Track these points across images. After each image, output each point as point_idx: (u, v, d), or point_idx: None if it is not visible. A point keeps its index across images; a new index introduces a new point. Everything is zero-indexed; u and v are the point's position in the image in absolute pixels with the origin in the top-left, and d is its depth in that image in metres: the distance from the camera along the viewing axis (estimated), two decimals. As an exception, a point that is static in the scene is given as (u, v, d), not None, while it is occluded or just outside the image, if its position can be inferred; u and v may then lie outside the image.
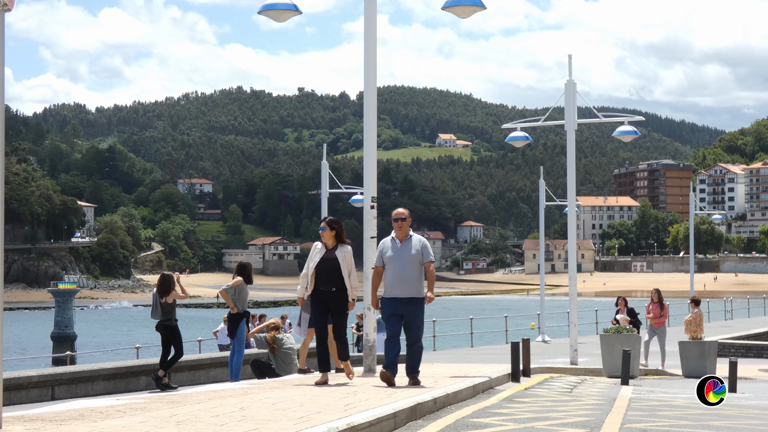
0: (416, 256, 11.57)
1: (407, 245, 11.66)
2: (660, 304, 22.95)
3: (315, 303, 11.89)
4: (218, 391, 11.35)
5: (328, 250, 11.88)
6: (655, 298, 23.08)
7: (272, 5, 13.43)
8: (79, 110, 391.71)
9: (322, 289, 11.80)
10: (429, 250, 11.72)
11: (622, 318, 22.52)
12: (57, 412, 8.64)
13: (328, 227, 12.02)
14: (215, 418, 7.90)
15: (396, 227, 11.75)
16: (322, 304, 11.84)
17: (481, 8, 13.72)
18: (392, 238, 11.80)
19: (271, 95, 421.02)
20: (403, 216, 11.82)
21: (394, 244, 11.70)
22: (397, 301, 11.50)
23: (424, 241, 11.82)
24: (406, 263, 11.51)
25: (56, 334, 64.82)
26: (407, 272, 11.50)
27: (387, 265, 11.63)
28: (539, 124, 21.78)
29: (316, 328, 11.99)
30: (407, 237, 11.76)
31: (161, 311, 15.24)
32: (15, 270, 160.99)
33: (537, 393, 12.49)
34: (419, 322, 11.59)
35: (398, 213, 11.84)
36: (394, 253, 11.61)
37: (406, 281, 11.48)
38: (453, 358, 24.40)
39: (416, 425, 8.81)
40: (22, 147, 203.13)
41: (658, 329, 22.62)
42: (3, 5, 6.86)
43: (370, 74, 13.29)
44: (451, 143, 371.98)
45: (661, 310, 22.95)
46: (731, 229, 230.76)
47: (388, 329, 11.65)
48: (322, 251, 11.88)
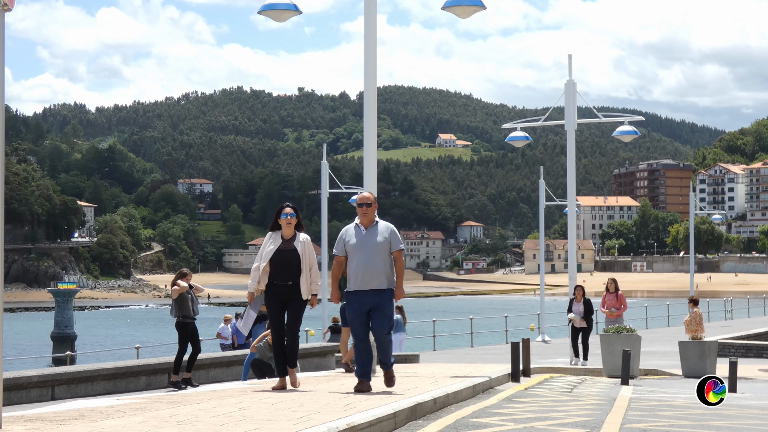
0: (383, 244, 10.40)
1: (373, 232, 10.45)
2: (616, 294, 21.61)
3: (270, 299, 10.78)
4: (218, 391, 11.36)
5: (286, 240, 10.75)
6: (611, 288, 21.72)
7: (272, 5, 13.43)
8: (79, 110, 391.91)
9: (278, 283, 10.69)
10: (398, 238, 10.54)
11: (573, 317, 21.67)
12: (57, 412, 8.64)
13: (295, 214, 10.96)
14: (215, 418, 7.90)
15: (360, 213, 10.53)
16: (278, 300, 10.75)
17: (481, 8, 13.72)
18: (356, 224, 10.60)
19: (271, 95, 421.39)
20: (369, 201, 10.58)
21: (358, 231, 10.51)
22: (363, 295, 10.35)
23: (392, 228, 10.63)
24: (373, 252, 10.34)
25: (56, 334, 64.88)
26: (373, 262, 10.33)
27: (350, 255, 10.46)
28: (539, 124, 21.80)
29: (272, 327, 10.90)
30: (373, 223, 10.54)
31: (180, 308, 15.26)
32: (15, 270, 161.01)
33: (537, 393, 12.49)
34: (389, 313, 10.45)
35: (364, 197, 10.64)
36: (358, 241, 10.42)
37: (372, 272, 10.31)
38: (453, 358, 24.40)
39: (416, 425, 8.81)
40: (22, 147, 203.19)
41: (614, 323, 21.06)
42: (3, 5, 6.86)
43: (370, 74, 13.29)
44: (451, 143, 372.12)
45: (618, 300, 21.52)
46: (731, 229, 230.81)
47: (356, 332, 10.51)
48: (277, 241, 10.76)
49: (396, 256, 10.49)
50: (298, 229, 10.87)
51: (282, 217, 10.85)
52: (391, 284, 10.43)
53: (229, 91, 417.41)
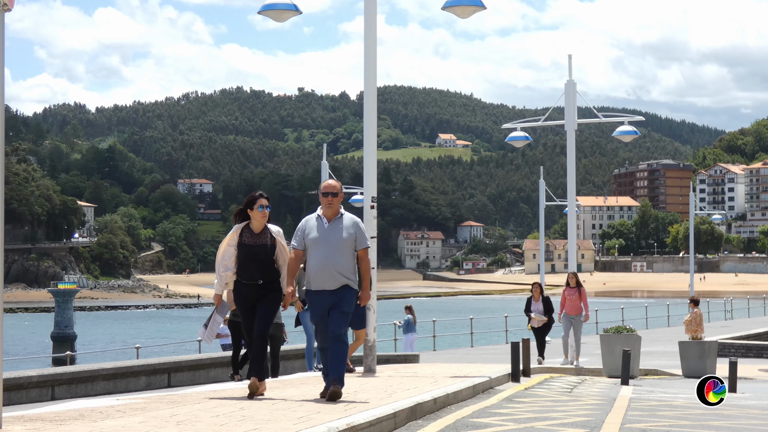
0: (348, 240, 9.35)
1: (337, 226, 9.40)
2: (578, 290, 20.44)
3: (237, 301, 9.72)
4: (218, 391, 11.35)
5: (255, 233, 9.67)
6: (572, 282, 20.47)
7: (272, 5, 13.42)
8: (78, 110, 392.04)
9: (246, 282, 9.62)
10: (364, 234, 9.46)
11: (537, 317, 20.70)
12: (57, 412, 8.64)
13: None
14: (215, 418, 7.90)
15: (325, 203, 9.45)
16: (246, 302, 9.66)
17: (481, 8, 13.73)
18: (318, 216, 9.53)
19: (270, 95, 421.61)
20: (335, 190, 9.49)
21: (320, 224, 9.45)
22: (323, 295, 9.32)
23: (359, 222, 9.52)
24: (335, 248, 9.29)
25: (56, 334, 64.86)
26: (335, 260, 9.27)
27: (310, 250, 9.38)
28: (539, 124, 21.81)
29: (245, 334, 9.81)
30: (337, 216, 9.47)
31: None
32: (15, 270, 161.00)
33: (537, 393, 12.49)
34: (345, 311, 9.30)
35: (329, 186, 9.54)
36: (320, 235, 9.36)
37: (333, 271, 9.27)
38: (453, 358, 24.39)
39: (416, 425, 8.81)
40: (22, 147, 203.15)
41: (576, 319, 20.34)
42: (3, 5, 6.86)
43: (370, 74, 13.29)
44: (451, 143, 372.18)
45: (580, 296, 20.39)
46: (731, 229, 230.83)
47: (318, 337, 9.54)
48: (247, 235, 9.70)
49: (361, 256, 9.42)
50: (268, 221, 9.84)
51: (258, 209, 9.71)
52: (353, 282, 9.36)
53: (229, 91, 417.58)
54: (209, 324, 10.40)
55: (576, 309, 20.35)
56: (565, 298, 20.49)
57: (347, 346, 9.37)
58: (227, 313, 10.23)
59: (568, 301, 20.47)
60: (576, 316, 20.32)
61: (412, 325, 22.11)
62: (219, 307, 10.05)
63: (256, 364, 9.61)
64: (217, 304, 10.02)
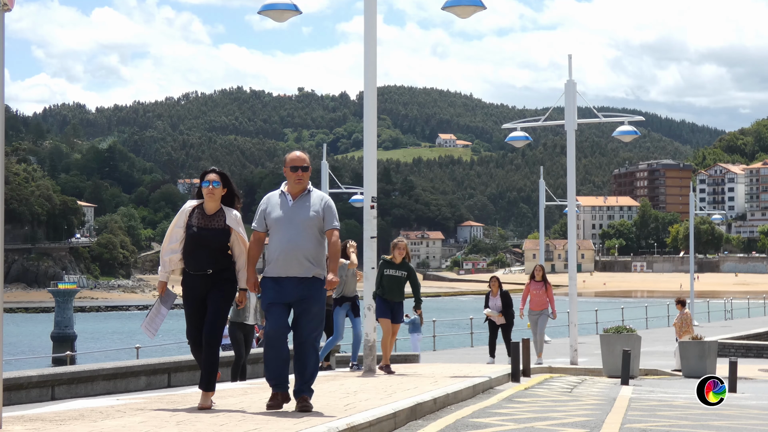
0: (315, 219, 8.20)
1: (303, 204, 8.25)
2: (544, 284, 19.67)
3: (184, 293, 8.47)
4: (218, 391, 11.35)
5: (207, 215, 8.39)
6: (538, 275, 19.76)
7: (272, 5, 13.41)
8: (79, 110, 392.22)
9: (194, 272, 8.35)
10: (333, 212, 8.30)
11: (490, 312, 19.70)
12: (57, 412, 8.64)
13: (221, 181, 8.41)
14: (215, 418, 7.90)
15: (293, 179, 8.28)
16: (193, 295, 8.36)
17: (481, 8, 13.73)
18: (281, 192, 8.37)
19: (270, 95, 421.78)
20: (305, 163, 8.36)
21: (284, 202, 8.29)
22: (283, 283, 8.14)
23: (328, 200, 8.38)
24: (301, 229, 8.15)
25: (56, 334, 64.84)
26: (301, 242, 8.12)
27: (272, 231, 8.26)
28: (539, 124, 21.80)
29: (188, 331, 8.48)
30: (304, 192, 8.32)
31: None
32: (15, 270, 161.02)
33: (537, 393, 12.49)
34: (316, 311, 8.16)
35: (300, 158, 8.37)
36: (284, 214, 8.21)
37: (298, 255, 8.11)
38: (453, 358, 24.38)
39: (416, 425, 8.81)
40: (22, 147, 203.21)
41: (541, 315, 19.67)
42: (3, 5, 6.86)
43: (370, 74, 13.29)
44: (451, 143, 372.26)
45: (546, 290, 19.58)
46: (731, 229, 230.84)
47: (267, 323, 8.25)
48: (197, 217, 8.41)
49: (329, 236, 8.23)
50: (229, 203, 8.47)
51: (203, 185, 8.36)
52: (321, 272, 8.19)
53: (229, 91, 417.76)
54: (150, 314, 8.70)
55: (541, 304, 19.64)
56: (528, 292, 19.69)
57: (317, 352, 8.18)
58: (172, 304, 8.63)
59: (533, 296, 19.72)
60: (541, 312, 19.63)
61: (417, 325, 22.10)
62: (164, 297, 8.60)
63: (207, 375, 8.31)
64: (161, 293, 8.63)
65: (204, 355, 8.30)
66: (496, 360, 19.93)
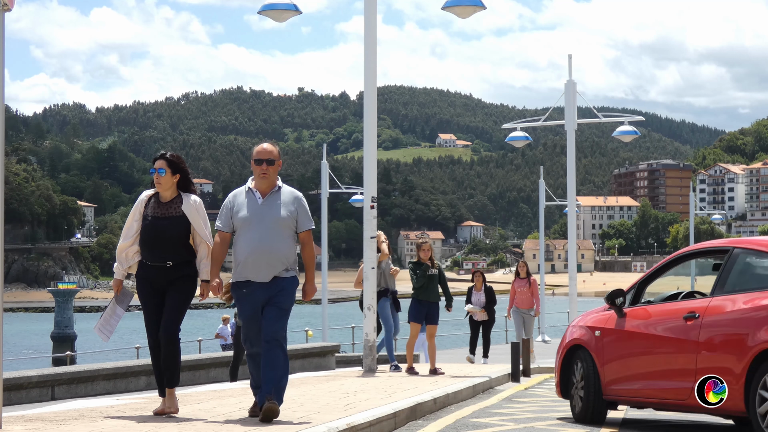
0: (288, 220, 7.54)
1: (274, 202, 7.56)
2: (529, 280, 19.21)
3: (141, 287, 7.88)
4: (218, 391, 11.35)
5: (163, 203, 7.86)
6: (522, 272, 19.35)
7: (272, 5, 13.42)
8: (79, 110, 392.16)
9: (151, 264, 7.77)
10: (307, 212, 7.64)
11: (472, 308, 19.05)
12: (57, 412, 8.64)
13: (168, 168, 7.83)
14: (215, 418, 7.90)
15: (258, 173, 7.57)
16: (151, 289, 7.82)
17: (480, 8, 13.75)
18: (248, 189, 7.67)
19: (270, 95, 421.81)
20: (272, 156, 7.58)
21: (251, 199, 7.60)
22: (255, 288, 7.49)
23: (301, 198, 7.71)
24: (272, 229, 7.47)
25: (56, 334, 64.81)
26: (272, 243, 7.45)
27: (240, 231, 7.57)
28: (539, 124, 21.81)
29: (147, 328, 7.89)
30: (274, 189, 7.62)
31: None
32: (15, 270, 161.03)
33: (537, 393, 12.49)
34: (286, 309, 7.52)
35: (265, 151, 7.60)
36: (252, 213, 7.53)
37: (269, 257, 7.45)
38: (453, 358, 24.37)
39: (416, 425, 8.81)
40: (22, 147, 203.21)
41: (527, 313, 19.21)
42: (3, 5, 6.86)
43: (370, 74, 13.30)
44: (451, 143, 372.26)
45: (531, 287, 19.06)
46: (731, 229, 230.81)
47: (247, 342, 7.61)
48: (153, 206, 7.87)
49: (303, 239, 7.59)
50: (184, 189, 7.98)
51: (150, 172, 7.94)
52: (292, 274, 7.61)
53: (229, 91, 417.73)
54: (104, 316, 8.11)
55: (527, 302, 19.17)
56: (515, 291, 19.24)
57: (285, 352, 7.44)
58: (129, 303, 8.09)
59: (518, 294, 19.22)
60: (527, 311, 19.21)
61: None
62: (119, 297, 8.04)
63: (169, 374, 7.80)
64: (117, 292, 8.06)
65: (163, 355, 7.69)
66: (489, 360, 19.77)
